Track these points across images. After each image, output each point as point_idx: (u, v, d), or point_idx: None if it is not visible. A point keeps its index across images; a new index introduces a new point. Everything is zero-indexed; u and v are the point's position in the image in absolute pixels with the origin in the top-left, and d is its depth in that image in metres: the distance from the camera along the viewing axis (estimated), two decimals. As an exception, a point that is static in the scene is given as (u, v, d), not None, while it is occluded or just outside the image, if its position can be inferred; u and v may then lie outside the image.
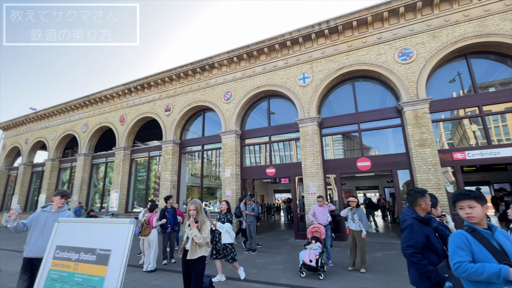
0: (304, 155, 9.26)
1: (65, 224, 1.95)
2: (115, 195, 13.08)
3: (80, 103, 15.77)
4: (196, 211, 3.30)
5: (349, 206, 5.80)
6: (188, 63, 12.13)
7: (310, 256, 5.06)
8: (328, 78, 9.48)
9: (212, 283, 3.60)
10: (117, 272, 1.56)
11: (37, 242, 2.87)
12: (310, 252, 5.16)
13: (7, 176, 19.82)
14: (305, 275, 5.11)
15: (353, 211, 5.66)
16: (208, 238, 3.25)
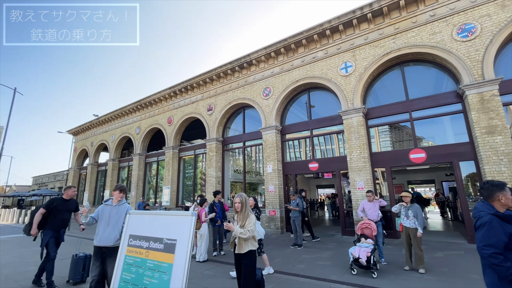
0: (350, 149, 8.84)
1: (135, 216, 2.18)
2: (167, 190, 14.17)
3: (133, 107, 17.38)
4: (241, 204, 3.22)
5: (402, 201, 5.38)
6: (227, 63, 12.45)
7: (360, 253, 4.88)
8: (373, 66, 8.85)
9: (263, 276, 3.66)
10: (183, 260, 1.69)
11: (104, 232, 3.21)
12: (360, 249, 4.98)
13: (78, 175, 22.91)
14: (356, 273, 4.92)
15: (407, 207, 5.25)
16: (253, 232, 3.11)
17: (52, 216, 4.65)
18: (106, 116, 19.40)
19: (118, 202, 3.42)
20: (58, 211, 4.65)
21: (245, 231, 2.97)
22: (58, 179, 36.21)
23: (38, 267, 4.70)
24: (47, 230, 4.65)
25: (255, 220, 3.19)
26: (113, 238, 3.13)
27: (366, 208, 6.01)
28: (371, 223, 5.56)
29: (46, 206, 4.67)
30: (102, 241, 3.16)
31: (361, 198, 8.30)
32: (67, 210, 4.68)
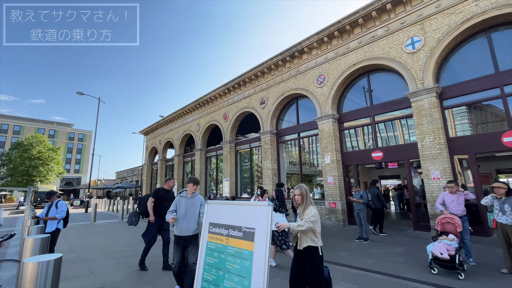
0: (421, 134, 7.87)
1: (213, 205, 2.36)
2: (226, 183, 15.01)
3: (192, 106, 18.77)
4: (301, 196, 2.92)
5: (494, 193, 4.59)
6: (277, 54, 12.34)
7: (441, 249, 4.34)
8: (449, 37, 7.61)
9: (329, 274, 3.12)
10: (264, 248, 1.76)
11: (183, 223, 3.51)
12: (440, 245, 4.43)
13: (151, 170, 26.03)
14: (437, 272, 4.40)
15: (503, 200, 4.46)
16: (312, 224, 2.71)
17: (159, 205, 5.12)
18: (170, 116, 21.44)
19: (192, 194, 3.72)
20: (163, 200, 5.14)
21: (303, 223, 2.67)
22: (135, 173, 41.86)
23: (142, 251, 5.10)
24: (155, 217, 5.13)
25: (316, 212, 2.83)
26: (191, 228, 3.46)
27: (447, 201, 5.26)
28: (454, 217, 4.86)
29: (154, 195, 5.15)
30: (183, 231, 3.47)
31: (436, 190, 7.36)
32: (169, 199, 5.10)
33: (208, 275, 2.11)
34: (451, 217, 4.90)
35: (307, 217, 2.75)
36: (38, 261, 2.00)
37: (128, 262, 5.57)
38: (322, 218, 10.12)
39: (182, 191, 3.83)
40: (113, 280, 4.46)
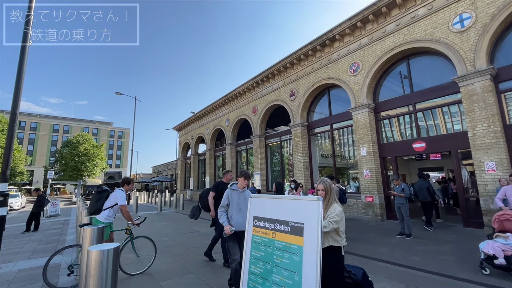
0: (471, 122, 7.14)
1: (256, 199, 2.36)
2: (257, 176, 15.13)
3: (221, 102, 19.09)
4: (325, 192, 2.67)
5: None
6: (307, 44, 11.95)
7: (494, 248, 3.97)
8: (506, 10, 6.71)
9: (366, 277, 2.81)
10: (315, 244, 1.71)
11: (238, 218, 3.43)
12: (494, 244, 4.03)
13: (184, 164, 27.18)
14: (489, 273, 4.00)
15: None
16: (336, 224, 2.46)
17: (219, 199, 5.06)
18: (200, 112, 22.06)
19: (243, 189, 3.68)
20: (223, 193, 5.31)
21: (326, 223, 2.39)
22: (169, 167, 44.12)
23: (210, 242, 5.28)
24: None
25: (340, 210, 2.56)
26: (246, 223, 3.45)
27: (509, 196, 4.78)
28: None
29: (215, 190, 5.20)
30: (238, 226, 3.36)
31: (491, 183, 6.66)
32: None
33: (255, 268, 2.13)
34: (510, 213, 4.41)
35: (331, 216, 2.50)
36: (101, 249, 2.17)
37: (171, 251, 5.88)
38: (358, 212, 9.76)
39: (232, 183, 3.76)
40: (159, 268, 4.74)
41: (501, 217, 4.49)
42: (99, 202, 4.66)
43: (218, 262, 5.05)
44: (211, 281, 4.03)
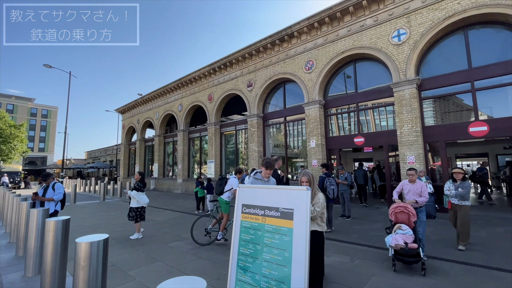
0: (400, 122, 8.59)
1: (246, 189, 2.60)
2: (211, 164, 15.16)
3: (174, 86, 18.16)
4: (309, 183, 3.00)
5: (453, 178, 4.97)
6: (267, 37, 12.26)
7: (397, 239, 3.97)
8: (432, 31, 8.16)
9: None
10: (304, 225, 2.06)
11: None
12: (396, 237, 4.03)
13: (128, 150, 25.18)
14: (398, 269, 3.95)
15: (457, 184, 4.88)
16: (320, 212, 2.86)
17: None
18: (149, 95, 20.58)
19: (267, 178, 3.73)
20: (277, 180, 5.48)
21: (314, 210, 2.77)
22: (108, 153, 40.13)
23: None
24: None
25: (324, 198, 2.98)
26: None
27: (405, 190, 4.80)
28: (407, 206, 4.38)
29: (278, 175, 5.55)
30: None
31: (411, 173, 8.21)
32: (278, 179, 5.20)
33: (244, 249, 2.40)
34: (404, 205, 4.41)
35: (318, 204, 2.87)
36: (91, 241, 2.14)
37: (130, 242, 5.70)
38: (306, 198, 10.81)
39: (256, 172, 3.80)
40: (121, 259, 4.61)
41: (395, 209, 4.48)
42: (222, 186, 6.20)
43: (183, 248, 5.15)
44: (181, 267, 4.16)
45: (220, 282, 3.54)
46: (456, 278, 3.64)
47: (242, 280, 2.33)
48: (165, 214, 9.28)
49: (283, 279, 2.07)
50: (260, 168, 3.69)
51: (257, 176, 3.68)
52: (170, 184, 18.51)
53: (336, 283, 3.53)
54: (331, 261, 4.34)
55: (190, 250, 5.04)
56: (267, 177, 3.63)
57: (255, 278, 2.24)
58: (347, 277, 3.73)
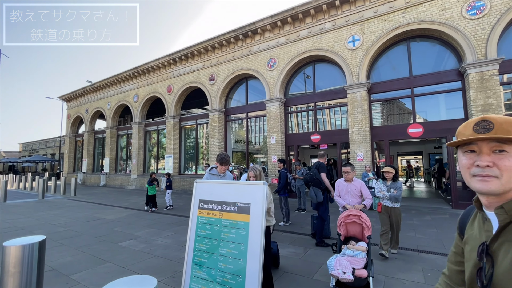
0: (352, 122, 9.28)
1: (203, 184, 2.56)
2: (170, 159, 14.55)
3: (129, 74, 16.88)
4: (255, 178, 3.06)
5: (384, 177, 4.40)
6: (230, 31, 12.11)
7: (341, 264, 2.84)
8: (381, 40, 8.94)
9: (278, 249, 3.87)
10: (260, 219, 2.11)
11: None
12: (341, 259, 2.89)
13: (74, 142, 22.76)
14: None
15: (388, 185, 4.30)
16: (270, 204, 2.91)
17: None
18: (101, 83, 18.81)
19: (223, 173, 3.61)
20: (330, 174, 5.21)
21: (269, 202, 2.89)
22: (49, 145, 35.77)
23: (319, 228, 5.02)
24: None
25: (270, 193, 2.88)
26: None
27: (341, 192, 4.05)
28: (362, 214, 3.48)
29: (325, 170, 5.32)
30: None
31: (359, 169, 8.97)
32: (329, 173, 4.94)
33: (201, 245, 2.37)
34: (358, 214, 3.45)
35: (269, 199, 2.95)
36: (22, 244, 1.91)
37: (74, 242, 5.20)
38: (265, 193, 11.08)
39: (211, 167, 3.68)
40: (63, 262, 4.19)
41: (346, 219, 3.50)
42: None
43: (136, 247, 4.89)
44: (133, 266, 3.95)
45: (175, 280, 3.45)
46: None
47: (197, 276, 2.31)
48: (117, 211, 8.66)
49: (238, 272, 2.11)
50: (215, 163, 3.65)
51: (212, 171, 3.65)
52: (123, 180, 17.29)
53: (290, 272, 3.71)
54: (286, 252, 4.54)
55: (143, 248, 4.80)
56: (223, 173, 3.63)
57: (211, 273, 2.24)
58: (300, 266, 3.95)
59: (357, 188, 3.94)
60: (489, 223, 0.77)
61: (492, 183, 0.71)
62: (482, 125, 0.74)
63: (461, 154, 0.80)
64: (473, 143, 0.75)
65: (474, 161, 0.74)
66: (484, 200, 0.77)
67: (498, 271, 0.69)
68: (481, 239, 0.77)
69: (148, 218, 7.52)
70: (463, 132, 0.79)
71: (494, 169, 0.71)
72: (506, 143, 0.71)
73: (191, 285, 2.32)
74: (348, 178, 4.00)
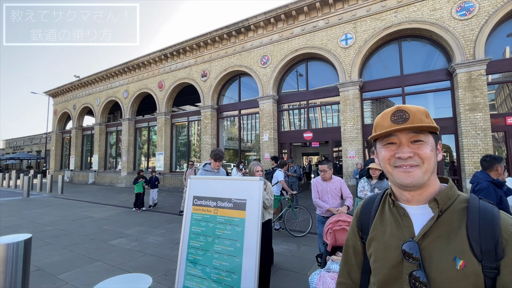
0: (344, 120, 9.35)
1: (197, 180, 2.50)
2: (160, 156, 14.33)
3: (119, 70, 16.48)
4: (262, 172, 3.33)
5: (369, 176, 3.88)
6: (223, 27, 11.97)
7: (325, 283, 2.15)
8: (373, 39, 9.02)
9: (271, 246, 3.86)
10: (256, 215, 2.08)
11: None
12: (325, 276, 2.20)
13: (61, 139, 22.11)
14: None
15: (373, 184, 3.80)
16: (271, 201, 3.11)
17: None
18: (89, 78, 18.30)
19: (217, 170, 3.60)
20: None
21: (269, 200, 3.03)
22: (35, 142, 34.67)
23: None
24: None
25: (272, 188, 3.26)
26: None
27: (320, 192, 3.60)
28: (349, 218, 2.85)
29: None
30: None
31: (351, 166, 9.08)
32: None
33: (195, 242, 2.32)
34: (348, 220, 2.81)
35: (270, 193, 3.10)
36: (6, 243, 1.81)
37: (61, 241, 5.04)
38: (257, 190, 11.07)
39: (205, 164, 3.65)
40: (50, 261, 4.05)
41: (335, 225, 2.86)
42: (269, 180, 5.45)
43: (127, 245, 4.78)
44: (124, 265, 3.86)
45: (167, 278, 3.39)
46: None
47: (191, 274, 2.27)
48: (106, 209, 8.47)
49: (234, 270, 2.08)
50: (209, 159, 3.64)
51: (206, 167, 3.62)
52: (112, 178, 16.93)
53: (284, 269, 3.71)
54: (280, 249, 4.54)
55: (134, 247, 4.70)
56: (217, 169, 3.61)
57: (206, 270, 2.20)
58: (294, 263, 3.95)
59: (337, 187, 3.55)
60: (408, 217, 0.74)
61: (414, 173, 0.69)
62: (398, 115, 0.73)
63: (381, 147, 0.78)
64: (392, 135, 0.73)
65: (395, 153, 0.73)
66: (407, 194, 0.74)
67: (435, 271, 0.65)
68: (401, 235, 0.73)
69: (139, 216, 7.38)
70: (381, 123, 0.76)
71: (416, 158, 0.70)
72: (422, 132, 0.71)
73: (185, 283, 2.27)
74: (325, 177, 3.58)
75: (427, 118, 0.73)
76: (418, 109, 0.73)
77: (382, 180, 3.77)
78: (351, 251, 0.89)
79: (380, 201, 0.86)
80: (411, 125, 0.70)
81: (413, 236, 0.71)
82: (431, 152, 0.71)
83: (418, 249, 0.68)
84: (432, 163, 0.71)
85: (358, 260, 0.87)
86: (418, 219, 0.73)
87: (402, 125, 0.71)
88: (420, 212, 0.73)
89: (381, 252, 0.76)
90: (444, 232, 0.68)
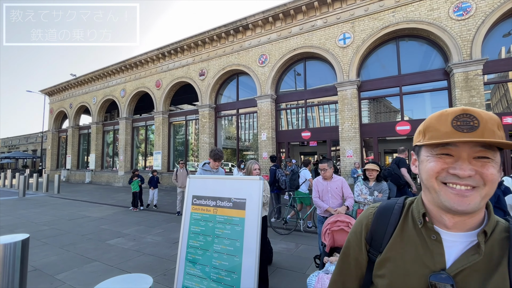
0: (342, 119, 9.38)
1: (196, 180, 2.49)
2: (158, 155, 14.27)
3: (116, 68, 16.37)
4: (260, 171, 3.47)
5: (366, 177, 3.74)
6: (221, 25, 11.93)
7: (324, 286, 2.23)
8: (371, 38, 9.04)
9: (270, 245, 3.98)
10: (256, 214, 2.08)
11: None
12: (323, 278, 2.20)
13: (58, 138, 21.93)
14: None
15: (371, 186, 3.63)
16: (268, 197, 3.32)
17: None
18: (86, 77, 18.16)
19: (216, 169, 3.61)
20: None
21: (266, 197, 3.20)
22: (30, 141, 34.36)
23: None
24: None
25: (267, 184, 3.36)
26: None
27: (320, 192, 3.54)
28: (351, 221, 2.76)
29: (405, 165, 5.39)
30: None
31: (349, 165, 9.10)
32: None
33: (194, 242, 2.32)
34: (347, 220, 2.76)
35: (267, 191, 3.23)
36: (4, 243, 1.80)
37: (58, 241, 5.00)
38: (255, 190, 11.07)
39: (204, 163, 3.61)
40: (47, 261, 4.02)
41: (333, 225, 2.80)
42: (295, 180, 6.23)
43: (125, 245, 4.76)
44: (122, 265, 3.84)
45: (166, 278, 3.38)
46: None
47: (191, 274, 2.26)
48: (103, 209, 8.42)
49: (233, 269, 2.08)
50: (208, 159, 3.62)
51: (205, 167, 3.60)
52: (109, 177, 16.83)
53: (283, 268, 3.72)
54: (278, 248, 4.54)
55: (132, 246, 4.68)
56: (216, 168, 3.60)
57: (205, 270, 2.20)
58: (292, 262, 3.96)
59: (338, 187, 3.45)
60: (440, 244, 0.61)
61: (472, 198, 0.55)
62: (464, 121, 0.56)
63: (429, 156, 0.61)
64: (451, 145, 0.57)
65: (449, 167, 0.58)
66: (449, 218, 0.60)
67: None
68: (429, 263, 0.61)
69: (137, 216, 7.35)
70: (436, 127, 0.59)
71: (476, 178, 0.56)
72: (490, 148, 0.56)
73: (185, 282, 2.26)
74: (326, 176, 3.50)
75: (499, 131, 0.57)
76: (491, 117, 0.57)
77: (381, 182, 3.61)
78: (352, 263, 0.76)
79: (400, 214, 0.71)
80: (482, 139, 0.54)
81: (443, 267, 0.59)
82: (498, 174, 0.57)
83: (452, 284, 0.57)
84: (495, 187, 0.57)
85: (359, 273, 0.75)
86: (451, 247, 0.60)
87: (469, 138, 0.55)
88: (457, 241, 0.60)
89: (400, 278, 0.64)
90: (482, 266, 0.57)
